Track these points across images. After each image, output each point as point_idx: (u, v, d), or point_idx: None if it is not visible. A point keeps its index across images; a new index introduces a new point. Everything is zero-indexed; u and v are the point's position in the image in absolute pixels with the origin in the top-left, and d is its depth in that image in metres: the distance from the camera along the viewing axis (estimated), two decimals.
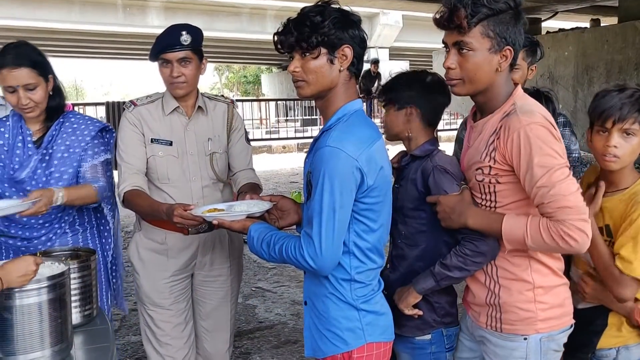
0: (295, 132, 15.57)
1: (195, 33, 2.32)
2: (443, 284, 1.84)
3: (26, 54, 2.22)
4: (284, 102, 19.30)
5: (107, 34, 14.94)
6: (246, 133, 2.58)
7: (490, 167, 1.69)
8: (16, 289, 1.60)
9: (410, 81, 1.95)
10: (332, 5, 1.69)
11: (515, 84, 1.75)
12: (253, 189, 2.32)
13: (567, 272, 1.87)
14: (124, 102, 10.84)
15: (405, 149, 2.00)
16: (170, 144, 2.38)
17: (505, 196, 1.70)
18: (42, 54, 2.30)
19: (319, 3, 1.69)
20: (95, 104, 11.97)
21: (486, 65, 1.66)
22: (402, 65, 15.15)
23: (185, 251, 2.42)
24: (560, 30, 7.62)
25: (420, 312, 1.89)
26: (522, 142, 1.59)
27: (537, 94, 2.21)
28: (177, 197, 2.35)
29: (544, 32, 7.93)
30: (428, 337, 1.92)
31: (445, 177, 1.84)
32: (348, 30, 1.67)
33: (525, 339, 1.72)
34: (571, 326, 1.78)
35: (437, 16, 1.69)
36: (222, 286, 2.54)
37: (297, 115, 17.60)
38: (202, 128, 2.42)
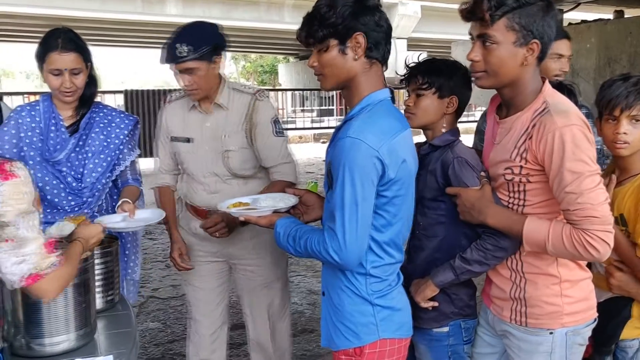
0: (311, 122, 15.56)
1: (196, 40, 2.23)
2: (462, 278, 1.83)
3: (74, 39, 2.30)
4: (301, 92, 19.26)
5: (126, 23, 14.99)
6: (276, 125, 2.47)
7: (521, 167, 1.66)
8: None
9: (451, 70, 1.90)
10: None
11: (543, 79, 1.71)
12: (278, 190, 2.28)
13: (588, 264, 1.86)
14: (142, 91, 10.90)
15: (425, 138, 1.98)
16: (188, 140, 2.44)
17: (535, 195, 1.68)
18: (84, 42, 2.36)
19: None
20: (114, 92, 12.05)
21: (511, 59, 1.62)
22: (421, 57, 15.06)
23: (216, 239, 2.44)
24: (583, 21, 7.50)
25: (436, 304, 1.88)
26: (556, 145, 1.56)
27: (559, 87, 2.19)
28: (199, 190, 2.47)
29: (565, 23, 7.81)
30: (445, 329, 1.91)
31: (466, 169, 1.82)
32: (359, 18, 1.61)
33: (551, 333, 1.71)
34: (595, 320, 1.76)
35: (461, 7, 1.66)
36: (258, 274, 2.57)
37: (314, 106, 17.58)
38: (219, 124, 2.42)
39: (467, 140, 2.46)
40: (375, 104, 1.66)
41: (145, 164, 2.86)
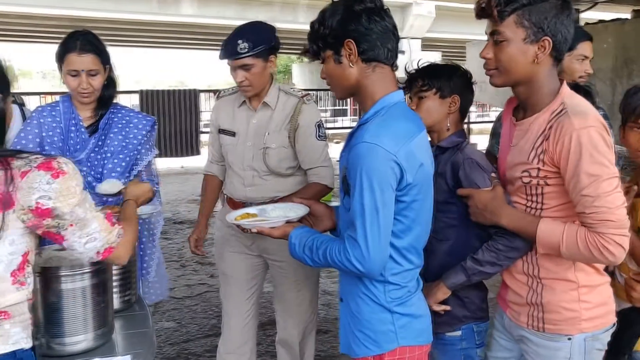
0: (325, 122, 15.57)
1: (256, 37, 2.38)
2: (474, 279, 1.82)
3: (93, 41, 2.34)
4: (315, 92, 19.27)
5: (141, 23, 15.07)
6: (319, 129, 2.57)
7: (538, 169, 1.64)
8: (62, 273, 1.64)
9: (451, 71, 1.93)
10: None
11: (561, 80, 1.69)
12: (312, 194, 2.44)
13: (606, 269, 1.84)
14: (157, 91, 10.96)
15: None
16: (234, 134, 2.60)
17: (552, 198, 1.66)
18: (103, 44, 2.39)
19: (333, 1, 1.67)
20: (129, 92, 12.12)
21: (521, 56, 1.61)
22: (435, 57, 14.99)
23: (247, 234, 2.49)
24: (600, 21, 7.44)
25: (448, 308, 1.87)
26: (573, 147, 1.53)
27: (576, 88, 2.18)
28: (235, 182, 2.63)
29: (582, 23, 7.75)
30: (458, 333, 1.91)
31: (477, 170, 1.82)
32: (347, 25, 1.61)
33: (569, 339, 1.68)
34: (614, 324, 1.74)
35: (475, 5, 1.67)
36: (288, 271, 2.63)
37: (327, 106, 17.58)
38: (264, 122, 2.55)
39: (481, 141, 2.46)
40: (389, 107, 1.64)
41: (161, 164, 2.90)
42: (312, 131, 2.55)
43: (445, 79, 1.92)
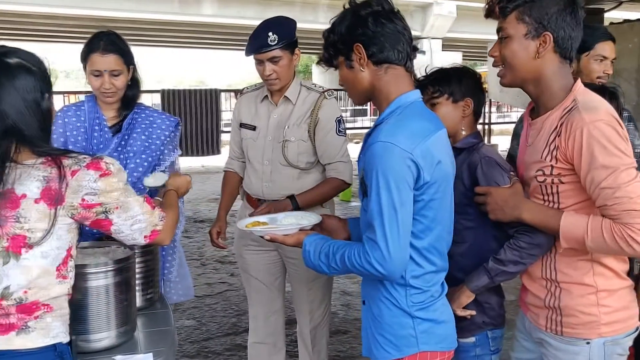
0: (345, 122, 15.54)
1: (283, 30, 2.44)
2: (497, 280, 1.79)
3: (116, 42, 2.35)
4: (335, 92, 19.25)
5: (162, 23, 15.19)
6: (339, 124, 2.62)
7: (552, 166, 1.63)
8: (87, 270, 1.66)
9: (460, 74, 1.92)
10: (352, 3, 1.68)
11: (575, 79, 1.68)
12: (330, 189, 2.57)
13: (629, 273, 1.81)
14: (179, 90, 11.04)
15: None
16: (254, 128, 2.65)
17: (568, 196, 1.64)
18: (127, 44, 2.42)
19: (344, 6, 1.71)
20: (151, 92, 12.23)
21: (522, 51, 1.64)
22: (455, 57, 14.89)
23: None
24: (625, 21, 7.33)
25: (474, 313, 1.85)
26: (585, 141, 1.53)
27: (602, 89, 2.15)
28: (253, 177, 2.67)
29: (607, 23, 7.64)
30: (472, 339, 1.89)
31: (495, 168, 1.81)
32: (354, 29, 1.64)
33: (587, 343, 1.66)
34: (637, 329, 1.71)
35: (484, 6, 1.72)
36: (302, 268, 2.65)
37: (347, 106, 17.56)
38: (284, 116, 2.59)
39: (502, 142, 2.44)
40: (405, 106, 1.64)
41: (181, 163, 2.90)
42: (332, 126, 2.59)
43: (456, 83, 1.92)
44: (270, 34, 2.42)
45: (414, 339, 1.64)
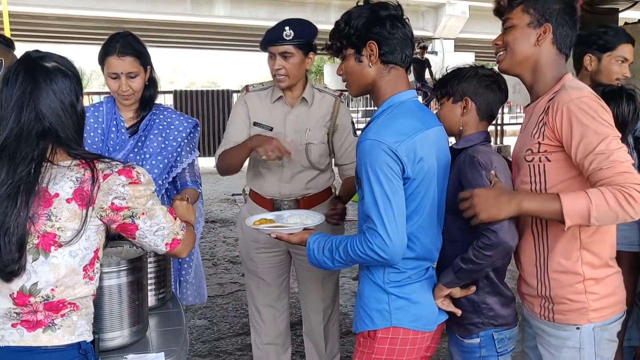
0: (357, 122, 15.55)
1: (301, 28, 2.44)
2: (460, 277, 1.79)
3: (132, 44, 2.35)
4: (347, 91, 19.27)
5: (175, 24, 15.32)
6: (354, 126, 2.70)
7: (539, 143, 1.70)
8: (101, 270, 1.68)
9: (466, 74, 1.93)
10: (370, 1, 1.77)
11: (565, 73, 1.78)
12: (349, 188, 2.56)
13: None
14: (191, 91, 11.09)
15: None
16: (271, 129, 2.58)
17: (555, 175, 1.69)
18: (144, 45, 2.42)
19: (358, 4, 1.80)
20: (164, 92, 12.27)
21: (524, 37, 1.77)
22: (468, 57, 14.84)
23: None
24: None
25: (458, 311, 1.85)
26: (574, 114, 1.62)
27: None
28: (269, 178, 2.62)
29: (621, 23, 7.57)
30: (476, 340, 1.88)
31: (473, 168, 1.79)
32: (371, 27, 1.74)
33: (577, 328, 1.73)
34: (623, 314, 1.78)
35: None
36: (312, 267, 2.62)
37: (359, 106, 17.55)
38: (303, 118, 2.58)
39: (515, 142, 2.42)
40: (396, 106, 1.76)
41: (201, 164, 2.91)
42: (350, 128, 2.67)
43: (454, 83, 1.93)
44: (286, 28, 2.44)
45: (387, 314, 1.77)
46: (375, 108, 1.84)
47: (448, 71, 2.00)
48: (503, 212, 1.65)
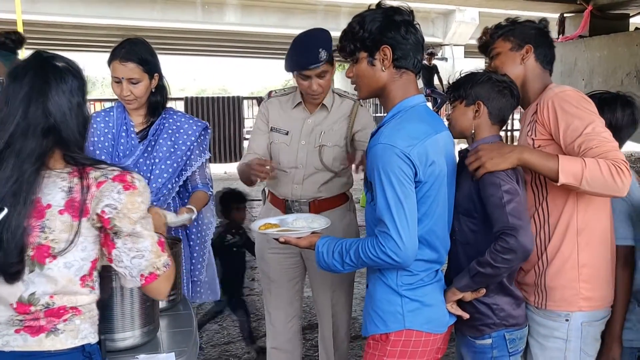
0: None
1: (330, 45, 2.44)
2: (477, 281, 1.80)
3: (137, 50, 2.37)
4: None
5: (186, 31, 15.40)
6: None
7: (533, 140, 1.87)
8: (113, 271, 1.70)
9: (479, 78, 1.95)
10: (383, 6, 1.78)
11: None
12: None
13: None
14: (202, 98, 11.14)
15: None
16: (287, 133, 2.63)
17: None
18: (153, 53, 2.44)
19: (370, 7, 1.81)
20: (174, 99, 12.34)
21: (510, 60, 1.99)
22: (477, 64, 14.82)
23: None
24: None
25: (466, 315, 1.86)
26: (558, 105, 1.80)
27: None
28: (282, 179, 2.66)
29: (632, 28, 7.55)
30: (488, 341, 1.89)
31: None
32: (386, 32, 1.75)
33: (567, 320, 1.85)
34: (609, 312, 1.92)
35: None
36: (325, 273, 2.63)
37: (370, 111, 17.56)
38: (319, 121, 2.61)
39: None
40: (406, 110, 1.78)
41: (212, 170, 2.93)
42: (374, 126, 2.63)
43: (467, 87, 1.94)
44: (320, 50, 2.41)
45: (400, 316, 1.77)
46: (385, 114, 1.85)
47: (462, 75, 2.01)
48: (507, 162, 1.76)
